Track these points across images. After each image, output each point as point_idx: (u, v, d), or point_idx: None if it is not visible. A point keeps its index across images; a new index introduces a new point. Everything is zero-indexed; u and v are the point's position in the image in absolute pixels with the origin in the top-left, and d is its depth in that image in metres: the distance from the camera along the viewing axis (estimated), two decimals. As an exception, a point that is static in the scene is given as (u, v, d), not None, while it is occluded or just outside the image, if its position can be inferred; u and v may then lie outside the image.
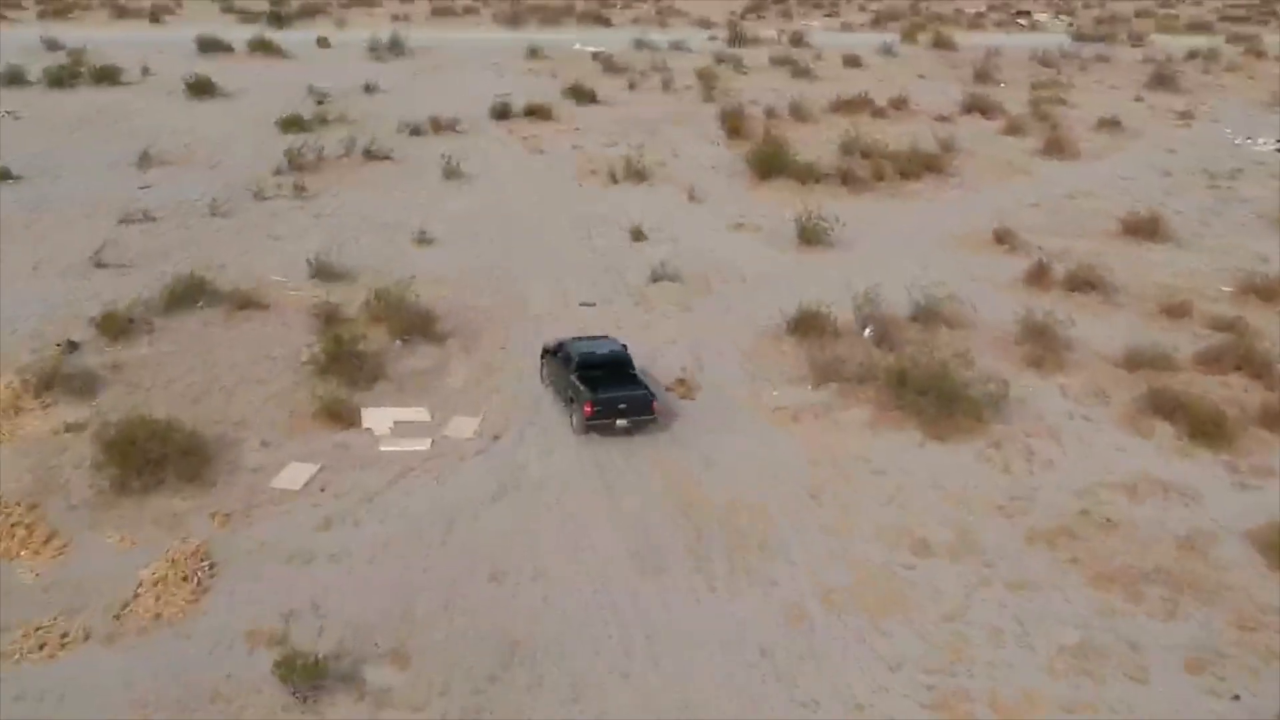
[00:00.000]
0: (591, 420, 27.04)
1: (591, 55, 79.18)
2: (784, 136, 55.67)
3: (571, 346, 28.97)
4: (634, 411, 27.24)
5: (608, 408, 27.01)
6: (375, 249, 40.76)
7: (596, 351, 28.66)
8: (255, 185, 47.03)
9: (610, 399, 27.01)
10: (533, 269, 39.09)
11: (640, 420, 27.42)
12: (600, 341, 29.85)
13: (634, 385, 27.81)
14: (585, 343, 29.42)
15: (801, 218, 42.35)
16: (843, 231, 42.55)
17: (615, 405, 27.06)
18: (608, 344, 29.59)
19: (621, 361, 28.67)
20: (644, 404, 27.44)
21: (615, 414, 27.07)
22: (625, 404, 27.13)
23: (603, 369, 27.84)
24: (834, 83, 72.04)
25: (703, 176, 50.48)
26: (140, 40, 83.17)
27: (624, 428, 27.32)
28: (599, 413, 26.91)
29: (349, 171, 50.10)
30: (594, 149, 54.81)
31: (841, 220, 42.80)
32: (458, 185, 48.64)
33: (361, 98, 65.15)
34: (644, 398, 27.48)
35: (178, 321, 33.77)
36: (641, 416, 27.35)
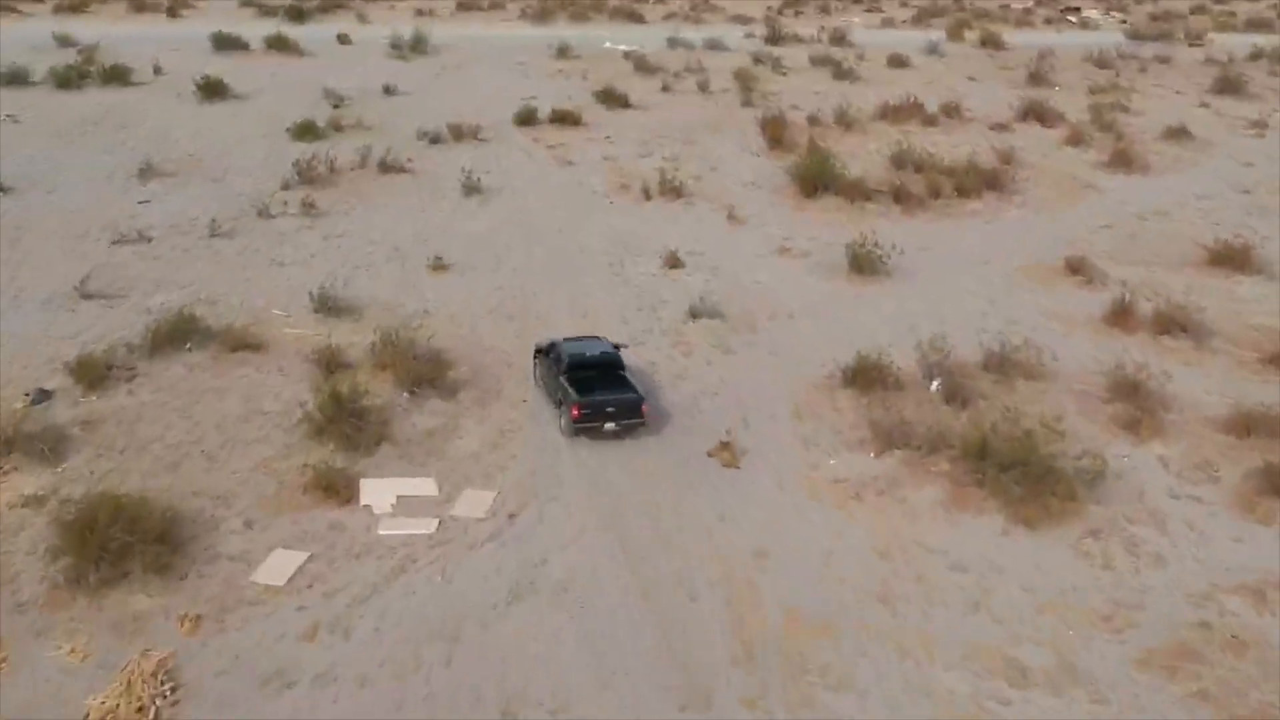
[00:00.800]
0: (579, 423, 26.33)
1: (623, 54, 75.08)
2: (829, 147, 51.49)
3: (562, 347, 28.24)
4: (623, 415, 26.49)
5: (596, 410, 26.27)
6: (387, 276, 37.03)
7: (587, 353, 27.89)
8: (261, 201, 43.37)
9: (598, 401, 26.30)
10: (558, 302, 35.26)
11: (629, 423, 26.61)
12: (592, 342, 28.91)
13: (623, 388, 27.07)
14: (576, 343, 28.62)
15: (853, 244, 38.20)
16: (898, 259, 38.39)
17: (603, 408, 26.33)
18: (599, 345, 28.71)
19: (612, 363, 27.85)
20: (633, 407, 26.61)
21: (603, 417, 26.35)
22: (614, 407, 26.38)
23: (593, 370, 27.24)
24: (879, 85, 67.73)
25: (743, 193, 46.46)
26: (156, 36, 79.77)
27: (613, 430, 26.53)
28: (587, 415, 26.22)
29: (362, 185, 46.35)
30: (626, 160, 50.86)
31: (898, 247, 38.61)
32: (478, 202, 44.80)
33: (380, 100, 61.41)
34: (633, 400, 26.68)
35: (162, 366, 30.14)
36: (630, 420, 26.60)
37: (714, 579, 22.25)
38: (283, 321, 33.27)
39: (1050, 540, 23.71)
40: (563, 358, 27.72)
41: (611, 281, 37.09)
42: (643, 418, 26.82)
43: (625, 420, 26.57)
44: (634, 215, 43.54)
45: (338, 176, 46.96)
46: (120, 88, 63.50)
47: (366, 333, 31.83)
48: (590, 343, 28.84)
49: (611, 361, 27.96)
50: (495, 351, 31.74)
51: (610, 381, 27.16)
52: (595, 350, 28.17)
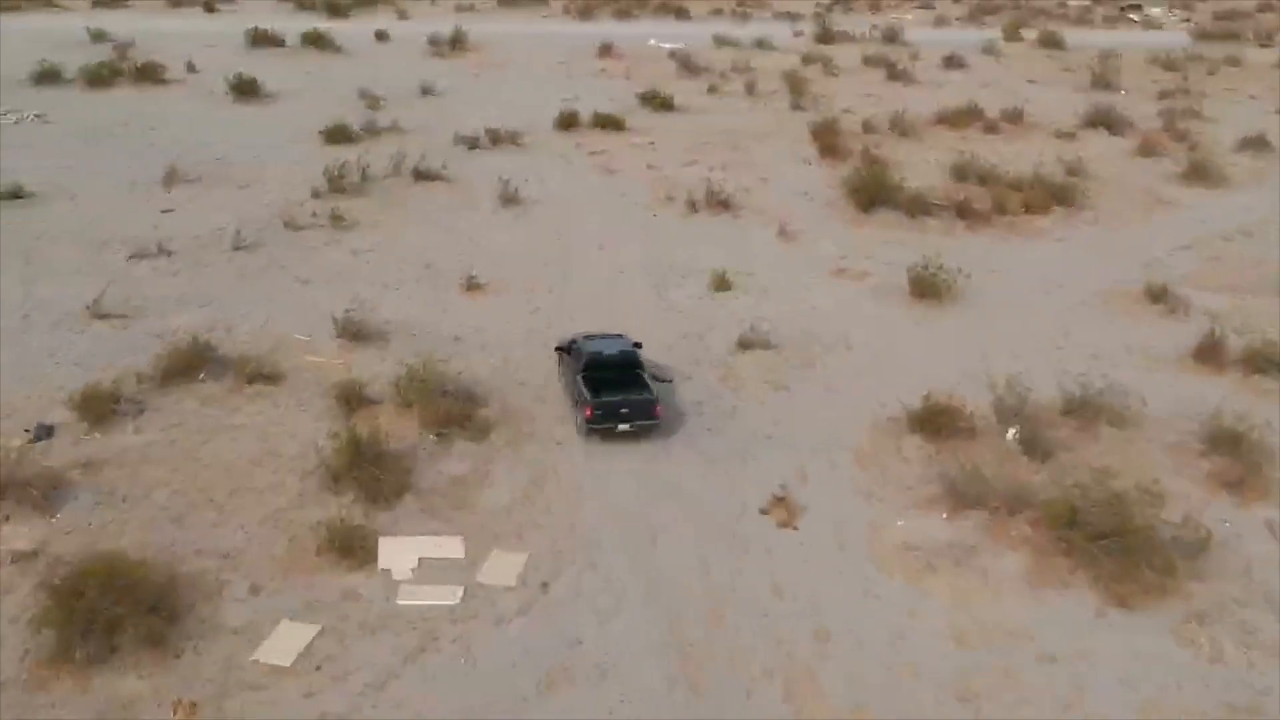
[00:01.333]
0: (592, 424, 25.85)
1: (668, 53, 72.33)
2: (886, 156, 48.66)
3: (581, 345, 27.74)
4: (636, 416, 25.92)
5: (609, 412, 25.74)
6: (417, 297, 34.67)
7: (605, 351, 27.33)
8: (289, 211, 41.14)
9: (612, 403, 25.76)
10: (597, 328, 32.61)
11: (644, 425, 26.01)
12: (612, 340, 28.28)
13: (639, 388, 26.40)
14: (597, 341, 28.07)
15: (916, 266, 35.39)
16: (964, 281, 35.57)
17: (617, 409, 25.76)
18: (619, 343, 28.09)
19: (629, 363, 27.18)
20: (646, 408, 26.01)
21: (617, 418, 25.81)
22: (627, 408, 25.80)
23: (609, 370, 26.66)
24: (935, 88, 64.64)
25: (795, 206, 43.68)
26: (192, 32, 78.09)
27: (626, 431, 25.94)
28: (599, 416, 25.73)
29: (395, 194, 44.02)
30: (670, 168, 48.20)
31: (963, 269, 35.74)
32: (515, 214, 42.32)
33: (417, 101, 59.13)
34: (647, 402, 26.04)
35: (173, 400, 27.91)
36: (644, 421, 26.02)
37: (770, 665, 19.70)
38: (304, 348, 30.93)
39: (1149, 623, 20.92)
40: (580, 356, 27.18)
41: (655, 305, 34.50)
42: (657, 419, 26.13)
43: (639, 421, 25.92)
44: (679, 230, 40.90)
45: (370, 185, 44.67)
46: (152, 86, 61.65)
47: (393, 362, 29.48)
48: (609, 341, 28.17)
49: (629, 361, 27.21)
50: (529, 386, 29.26)
51: (626, 382, 26.47)
52: (613, 349, 27.50)
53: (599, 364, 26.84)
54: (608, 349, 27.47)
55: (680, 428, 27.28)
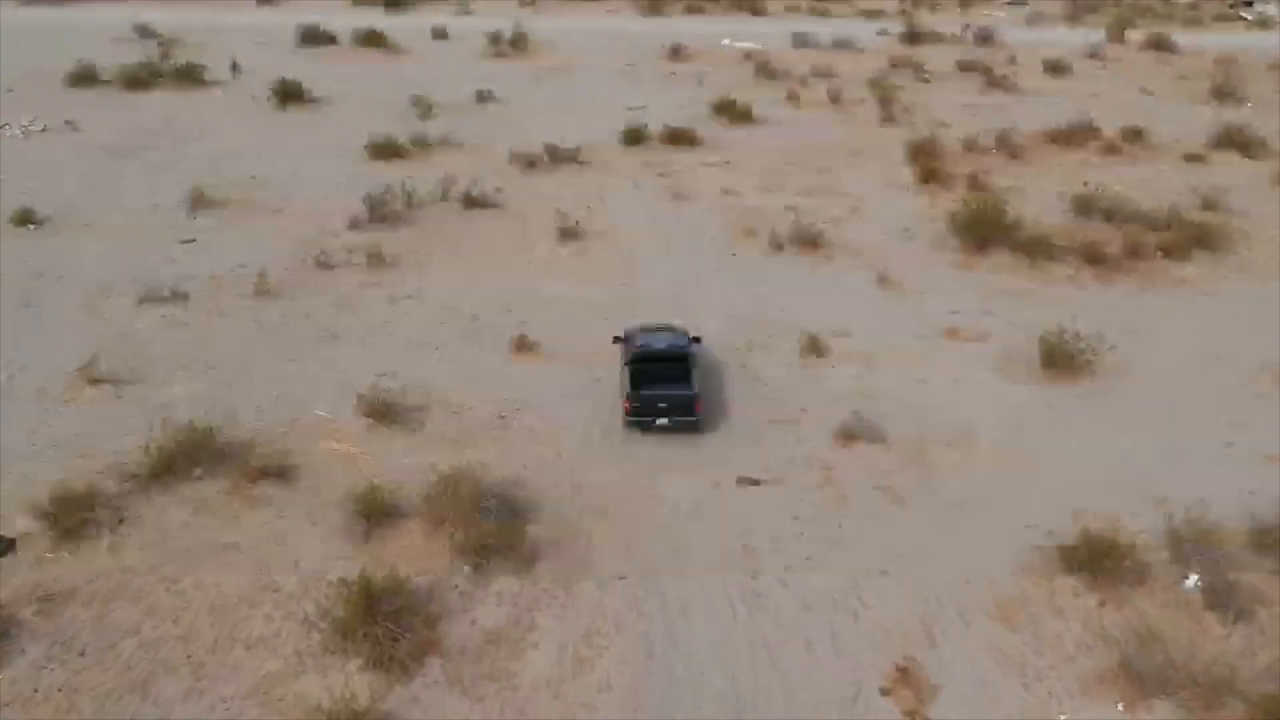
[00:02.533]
0: (630, 417, 25.61)
1: (743, 54, 66.32)
2: (994, 183, 42.55)
3: (635, 337, 27.66)
4: (675, 411, 25.52)
5: (647, 405, 25.48)
6: (459, 360, 29.47)
7: (654, 345, 26.99)
8: (321, 246, 36.10)
9: (651, 396, 25.45)
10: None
11: (682, 421, 25.55)
12: (664, 334, 27.90)
13: (681, 384, 25.77)
14: (649, 334, 27.84)
15: (1049, 334, 29.45)
16: (1105, 347, 29.58)
17: (655, 404, 25.47)
18: (671, 337, 27.67)
19: (678, 357, 26.55)
20: (686, 404, 25.54)
21: (656, 412, 25.49)
22: (666, 403, 25.44)
23: (655, 364, 26.18)
24: (1039, 98, 58.01)
25: (894, 244, 37.78)
26: (244, 26, 73.41)
27: (665, 426, 25.53)
28: (638, 409, 25.50)
29: (443, 224, 38.82)
30: (749, 195, 42.47)
31: (1102, 337, 29.71)
32: (575, 251, 36.90)
33: (472, 110, 53.85)
34: (686, 398, 25.53)
35: (160, 505, 22.99)
36: (683, 417, 25.57)
37: None
38: (324, 429, 25.81)
39: None
40: (630, 348, 26.99)
41: (737, 376, 28.93)
42: (696, 415, 25.65)
43: (678, 418, 25.49)
44: (762, 274, 35.19)
45: (415, 213, 39.47)
46: (192, 89, 56.92)
47: (426, 452, 24.27)
48: (663, 334, 27.79)
49: (678, 355, 26.59)
50: (586, 489, 23.89)
51: (670, 376, 25.84)
52: (664, 343, 27.07)
53: (646, 357, 26.38)
54: (658, 342, 27.07)
55: (775, 549, 21.79)
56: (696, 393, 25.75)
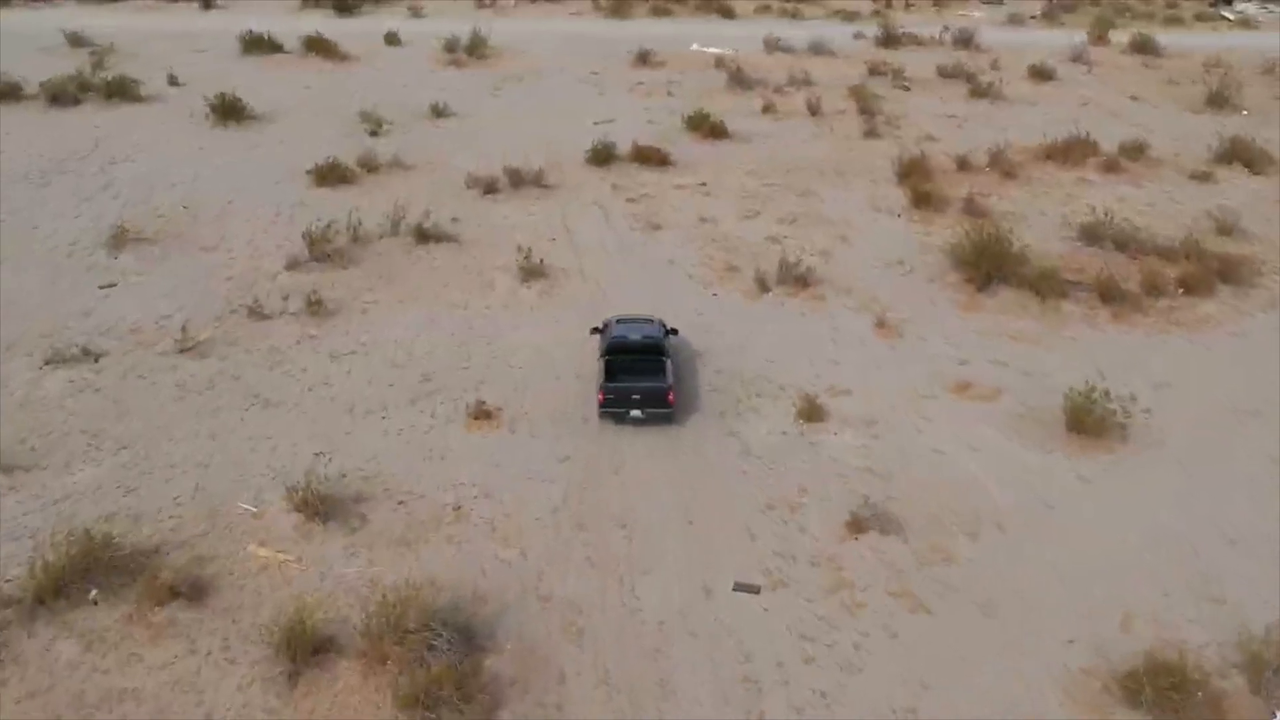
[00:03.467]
0: (604, 408, 25.41)
1: (714, 60, 62.62)
2: (992, 208, 39.21)
3: (612, 328, 27.51)
4: (648, 403, 25.34)
5: (620, 397, 25.30)
6: (409, 431, 25.74)
7: (629, 336, 26.99)
8: (256, 290, 32.16)
9: (624, 388, 25.32)
10: (650, 497, 23.53)
11: (655, 412, 25.34)
12: (641, 324, 27.83)
13: (655, 375, 25.79)
14: (625, 325, 27.75)
15: (1074, 394, 26.06)
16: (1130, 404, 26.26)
17: (629, 395, 25.27)
18: (647, 328, 27.56)
19: (652, 349, 26.59)
20: (658, 396, 25.36)
21: (628, 404, 25.27)
22: (639, 394, 25.26)
23: (629, 355, 26.27)
24: (1027, 107, 54.81)
25: (890, 280, 34.31)
26: (185, 32, 68.88)
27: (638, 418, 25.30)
28: (611, 401, 25.32)
29: (392, 262, 34.89)
30: (728, 222, 38.84)
31: (1137, 397, 26.38)
32: (539, 292, 33.15)
33: (426, 126, 49.84)
34: (659, 390, 25.37)
35: (45, 638, 19.14)
36: (656, 409, 25.37)
37: None
38: (248, 525, 21.94)
39: None
40: (605, 339, 27.10)
41: (723, 449, 25.25)
42: (669, 407, 25.46)
43: (651, 409, 25.35)
44: (747, 320, 31.60)
45: (362, 248, 35.53)
46: (124, 104, 52.39)
47: (370, 551, 20.64)
48: (639, 325, 27.72)
49: (653, 347, 26.64)
50: (556, 603, 20.22)
51: (644, 368, 25.96)
52: (639, 334, 27.09)
53: (622, 348, 26.45)
54: (633, 333, 27.05)
55: (781, 680, 18.29)
56: (670, 385, 25.57)
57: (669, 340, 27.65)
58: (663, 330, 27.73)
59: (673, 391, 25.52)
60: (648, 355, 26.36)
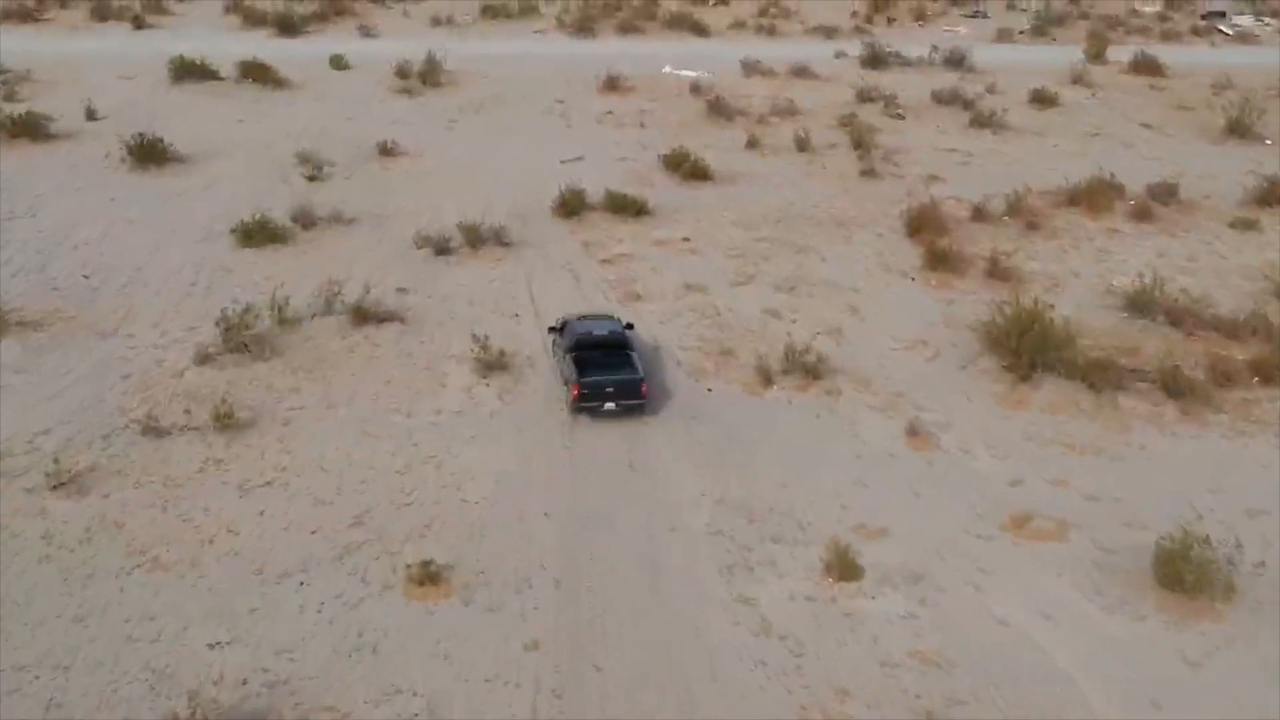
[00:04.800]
0: (579, 403, 25.26)
1: (690, 85, 56.97)
2: (1019, 270, 33.89)
3: (573, 324, 27.31)
4: (622, 395, 25.34)
5: (594, 390, 25.23)
6: (331, 609, 19.88)
7: (594, 332, 26.92)
8: (156, 394, 26.19)
9: (597, 382, 25.25)
10: (643, 698, 17.84)
11: (629, 404, 25.31)
12: (602, 321, 27.91)
13: (625, 368, 25.74)
14: (587, 322, 27.65)
15: (1168, 545, 20.60)
16: (1242, 555, 20.86)
17: (602, 388, 25.27)
18: (608, 324, 27.69)
19: (617, 343, 26.62)
20: (632, 388, 25.35)
21: (603, 397, 25.27)
22: (613, 387, 25.30)
23: (597, 350, 26.13)
24: (1034, 139, 49.74)
25: (913, 367, 28.87)
26: (113, 55, 62.47)
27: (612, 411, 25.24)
28: (585, 395, 25.21)
29: (323, 353, 29.01)
30: (718, 288, 33.28)
31: (1242, 544, 20.95)
32: (499, 390, 27.36)
33: (372, 168, 44.00)
34: (632, 381, 25.38)
35: None
36: (630, 400, 25.36)
37: None
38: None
39: None
40: (571, 335, 26.73)
41: (733, 628, 19.57)
42: (643, 398, 25.49)
43: (625, 401, 25.33)
44: (751, 425, 25.99)
45: (288, 331, 29.61)
46: (30, 144, 46.01)
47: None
48: (600, 321, 27.81)
49: (617, 341, 26.71)
50: None
51: (613, 362, 25.82)
52: (603, 329, 27.08)
53: (588, 344, 26.26)
54: (597, 329, 27.02)
55: None
56: (642, 376, 25.67)
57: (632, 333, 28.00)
58: (621, 325, 27.97)
59: (645, 383, 25.61)
60: (615, 349, 26.27)
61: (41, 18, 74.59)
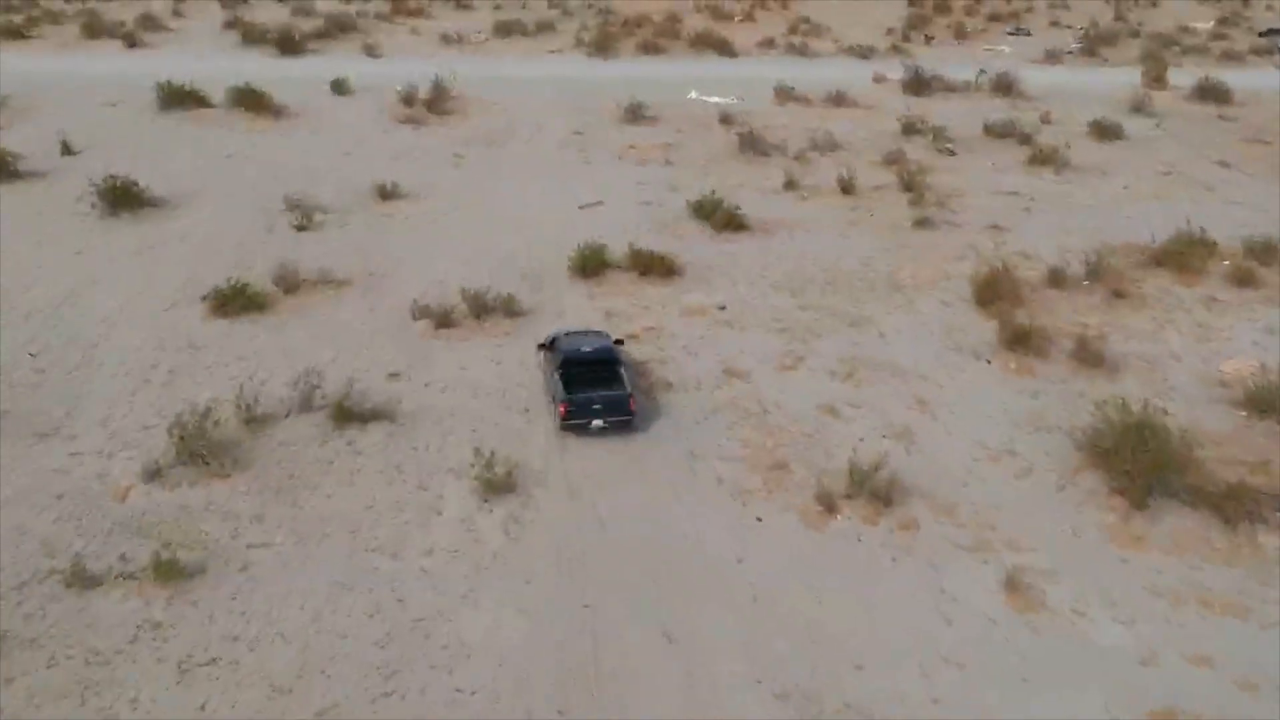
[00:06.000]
0: (566, 421, 24.44)
1: (718, 115, 51.98)
2: (1112, 353, 28.76)
3: (561, 342, 26.43)
4: (610, 412, 24.58)
5: (582, 408, 24.46)
6: None
7: (582, 349, 26.01)
8: (89, 530, 21.33)
9: (585, 399, 24.47)
10: None
11: (617, 420, 24.50)
12: (590, 337, 26.99)
13: (613, 385, 24.91)
14: (575, 338, 26.81)
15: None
16: None
17: (590, 406, 24.48)
18: (596, 340, 26.80)
19: (605, 360, 25.66)
20: (620, 404, 24.60)
21: (590, 415, 24.48)
22: (600, 404, 24.51)
23: (585, 366, 25.27)
24: (1099, 178, 44.68)
25: (1002, 488, 23.80)
26: (101, 77, 58.04)
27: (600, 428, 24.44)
28: (573, 413, 24.42)
29: (296, 466, 24.13)
30: (762, 373, 28.30)
31: None
32: (504, 522, 22.36)
33: (369, 213, 39.23)
34: (620, 398, 24.63)
35: None
36: (618, 417, 24.61)
37: None
38: None
39: None
40: (559, 353, 25.83)
41: None
42: (631, 414, 24.69)
43: (613, 418, 24.56)
44: (812, 572, 21.02)
45: (257, 435, 24.72)
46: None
47: None
48: (588, 338, 26.94)
49: (606, 358, 25.74)
50: None
51: (600, 378, 24.98)
52: (591, 346, 26.18)
53: (575, 361, 25.42)
54: (585, 345, 26.17)
55: None
56: (630, 392, 24.92)
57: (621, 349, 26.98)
58: (610, 339, 27.05)
59: (633, 398, 24.85)
60: (603, 366, 25.39)
61: (30, 34, 70.03)
